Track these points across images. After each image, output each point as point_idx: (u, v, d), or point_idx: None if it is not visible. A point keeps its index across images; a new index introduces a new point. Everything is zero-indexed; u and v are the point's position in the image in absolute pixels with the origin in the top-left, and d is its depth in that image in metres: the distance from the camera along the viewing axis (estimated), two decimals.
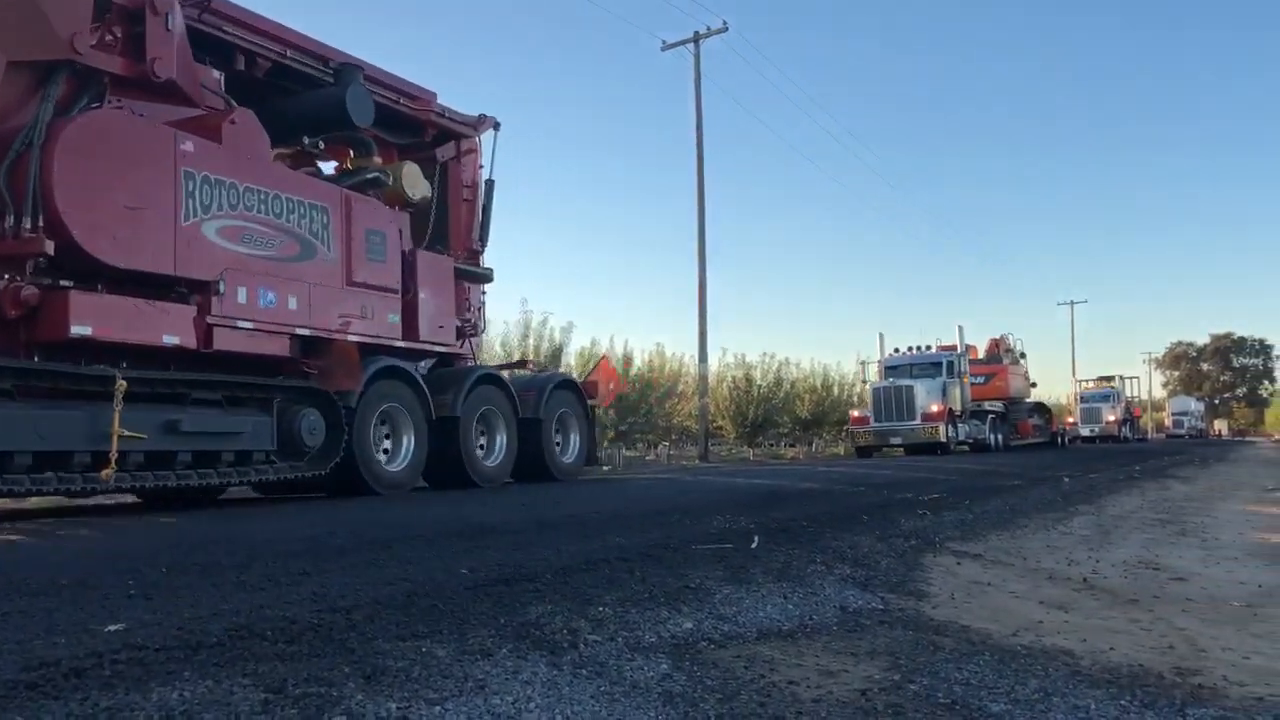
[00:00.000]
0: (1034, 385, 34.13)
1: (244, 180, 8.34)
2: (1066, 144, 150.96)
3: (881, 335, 29.25)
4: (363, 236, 9.59)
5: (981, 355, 31.09)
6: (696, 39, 27.20)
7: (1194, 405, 74.17)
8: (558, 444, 12.11)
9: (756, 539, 5.69)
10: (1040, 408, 34.86)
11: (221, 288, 8.05)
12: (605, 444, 25.57)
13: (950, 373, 26.63)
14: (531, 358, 21.13)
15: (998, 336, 32.34)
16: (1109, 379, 48.76)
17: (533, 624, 3.40)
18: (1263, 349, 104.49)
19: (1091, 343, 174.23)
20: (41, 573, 4.22)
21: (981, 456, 23.30)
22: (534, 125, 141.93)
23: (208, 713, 2.34)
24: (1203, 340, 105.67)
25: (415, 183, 10.91)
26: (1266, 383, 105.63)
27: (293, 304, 8.73)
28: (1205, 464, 21.36)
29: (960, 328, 27.72)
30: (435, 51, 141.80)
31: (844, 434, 30.60)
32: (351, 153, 10.83)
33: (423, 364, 10.95)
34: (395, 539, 5.47)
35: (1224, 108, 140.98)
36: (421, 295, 10.38)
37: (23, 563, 4.81)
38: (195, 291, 7.97)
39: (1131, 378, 51.24)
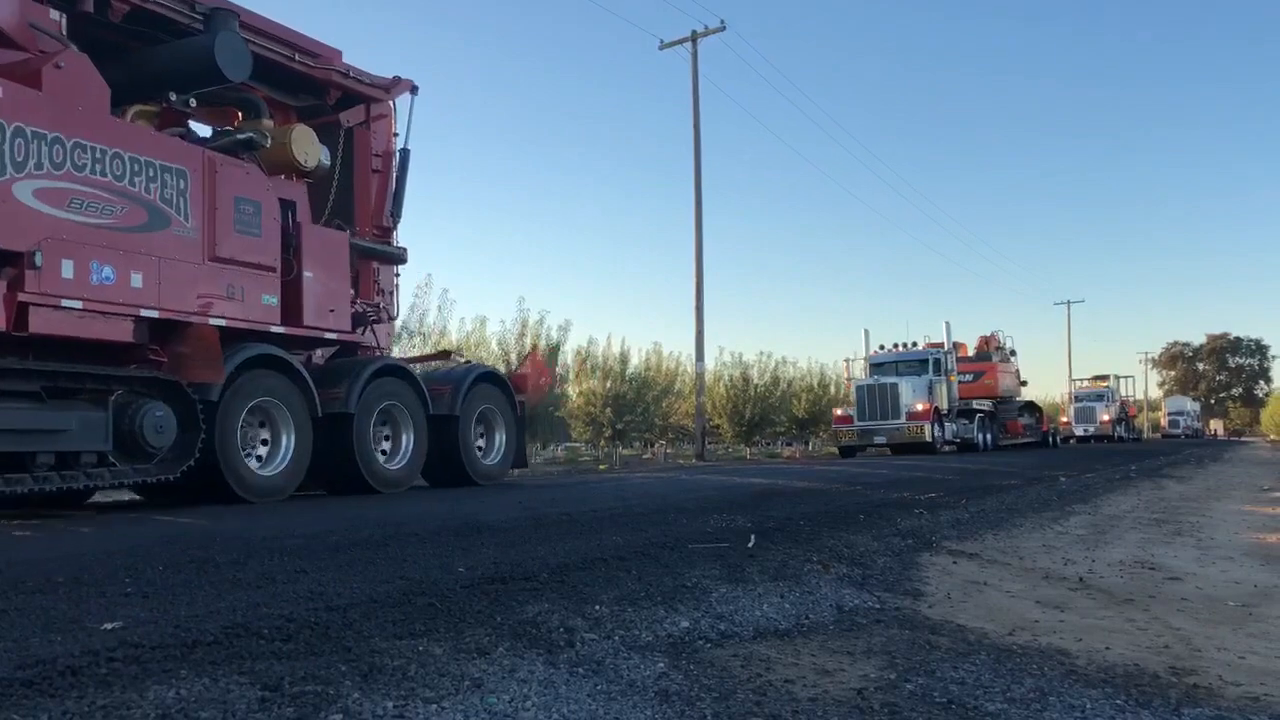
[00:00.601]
0: (1024, 384, 33.57)
1: (72, 135, 7.18)
2: (1065, 145, 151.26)
3: (867, 331, 28.52)
4: (230, 205, 8.35)
5: (971, 353, 30.64)
6: (694, 38, 27.23)
7: (1190, 405, 74.32)
8: (479, 444, 11.06)
9: (753, 538, 5.69)
10: (1031, 406, 34.32)
11: (39, 260, 6.90)
12: (602, 443, 25.64)
13: (937, 370, 26.09)
14: (534, 353, 21.04)
15: (988, 334, 31.87)
16: (1103, 378, 48.86)
17: (529, 622, 3.40)
18: (1259, 349, 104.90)
19: (1089, 343, 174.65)
20: (37, 570, 4.21)
21: (974, 456, 23.06)
22: (533, 126, 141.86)
23: (204, 711, 2.34)
24: (1199, 340, 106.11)
25: (308, 148, 9.62)
26: (1262, 383, 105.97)
27: (137, 281, 7.56)
28: (1201, 464, 21.39)
29: (947, 324, 27.18)
30: (431, 49, 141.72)
31: None
32: (240, 115, 9.61)
33: (319, 354, 10.01)
34: (391, 537, 5.47)
35: (1223, 108, 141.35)
36: (307, 275, 9.14)
37: (18, 560, 4.80)
38: (4, 264, 6.87)
39: (1126, 377, 51.41)
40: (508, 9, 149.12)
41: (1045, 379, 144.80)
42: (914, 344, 27.61)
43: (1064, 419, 45.17)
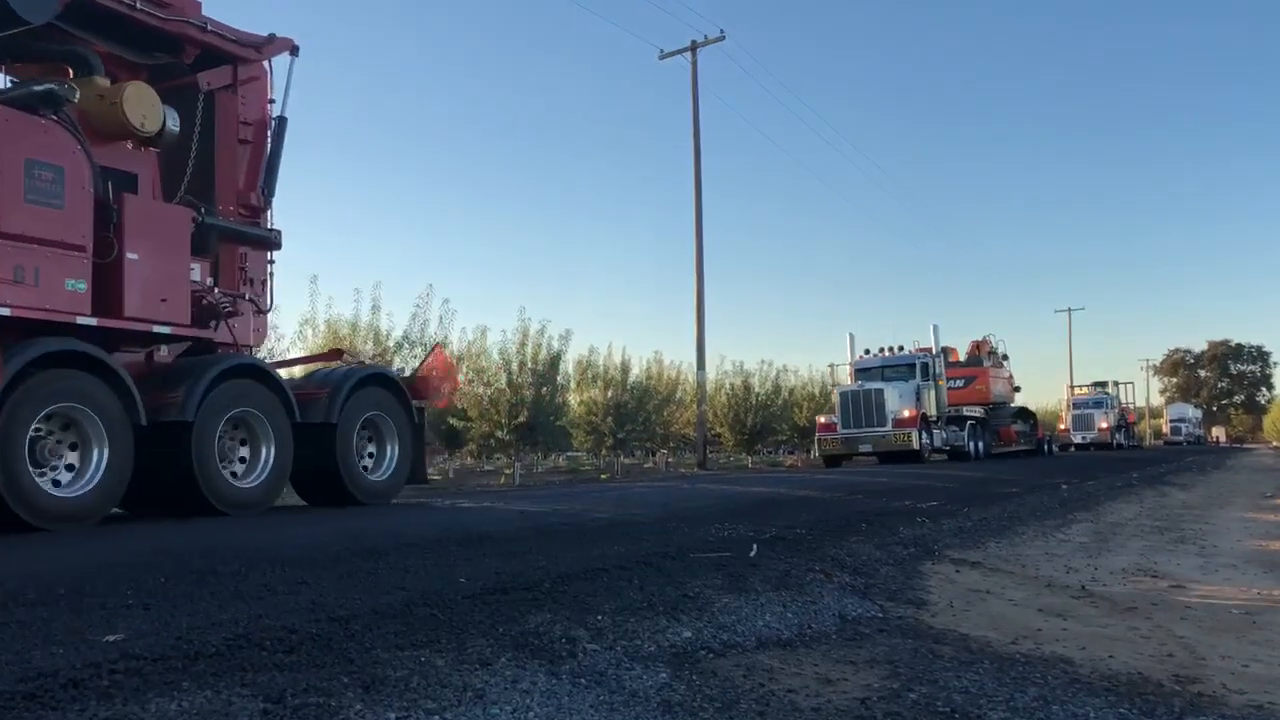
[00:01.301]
0: (1018, 389, 32.78)
1: None
2: (1065, 151, 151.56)
3: (852, 336, 27.53)
4: (19, 170, 6.90)
5: (962, 358, 29.93)
6: (693, 48, 27.29)
7: (1192, 412, 74.31)
8: (367, 457, 9.54)
9: (755, 547, 5.69)
10: (1024, 413, 33.34)
11: None
12: (604, 452, 25.62)
13: (924, 375, 25.24)
14: (529, 364, 20.96)
15: (979, 338, 31.05)
16: (1102, 385, 48.70)
17: (531, 633, 3.40)
18: (1260, 355, 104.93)
19: (1090, 350, 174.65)
20: (38, 582, 4.21)
21: (969, 464, 22.67)
22: (531, 132, 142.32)
23: None
24: (1201, 347, 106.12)
25: (146, 109, 8.10)
26: (1264, 389, 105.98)
27: None
28: (1203, 471, 21.39)
29: (935, 327, 26.27)
30: (428, 57, 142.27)
31: None
32: (71, 73, 8.14)
33: (164, 351, 8.61)
34: (391, 547, 5.46)
35: (1224, 111, 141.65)
36: (131, 256, 7.63)
37: (19, 572, 4.80)
38: None
39: (1125, 383, 51.30)
40: (508, 16, 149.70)
41: (1047, 386, 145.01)
42: (900, 348, 26.83)
43: (1062, 426, 44.97)
